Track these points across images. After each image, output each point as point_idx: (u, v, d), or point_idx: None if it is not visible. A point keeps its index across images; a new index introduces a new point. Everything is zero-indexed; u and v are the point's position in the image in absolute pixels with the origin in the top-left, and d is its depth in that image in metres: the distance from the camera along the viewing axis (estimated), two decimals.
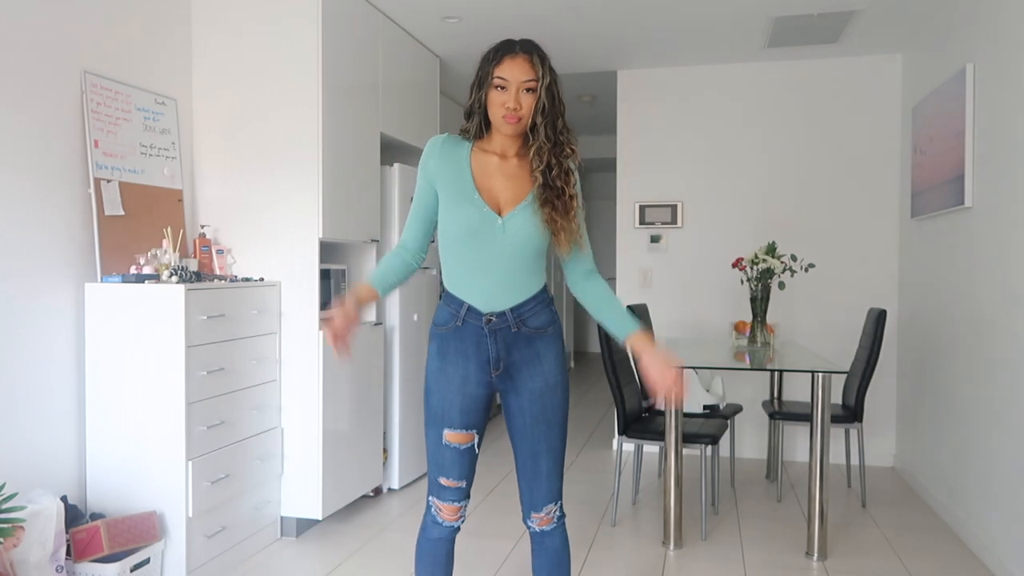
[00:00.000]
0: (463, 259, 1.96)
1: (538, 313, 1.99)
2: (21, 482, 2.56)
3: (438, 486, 2.02)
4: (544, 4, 3.89)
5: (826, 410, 3.19)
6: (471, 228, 1.93)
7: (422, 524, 2.10)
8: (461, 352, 1.97)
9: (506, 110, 1.91)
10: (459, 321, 1.97)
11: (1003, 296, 3.09)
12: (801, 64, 4.86)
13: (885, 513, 3.84)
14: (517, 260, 1.96)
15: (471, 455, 2.03)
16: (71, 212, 2.83)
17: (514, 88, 1.91)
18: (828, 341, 4.78)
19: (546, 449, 2.03)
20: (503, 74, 1.91)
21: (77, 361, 2.87)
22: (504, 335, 1.96)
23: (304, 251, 3.33)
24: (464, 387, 1.98)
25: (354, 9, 3.62)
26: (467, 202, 1.94)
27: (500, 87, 1.91)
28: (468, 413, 1.99)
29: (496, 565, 3.13)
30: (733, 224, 4.97)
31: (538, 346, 2.00)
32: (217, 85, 3.42)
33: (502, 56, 1.93)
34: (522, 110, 1.91)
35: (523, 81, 1.91)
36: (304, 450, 3.35)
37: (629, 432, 3.61)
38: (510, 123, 1.92)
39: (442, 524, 2.04)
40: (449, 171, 1.98)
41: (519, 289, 1.97)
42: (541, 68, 1.93)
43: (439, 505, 2.03)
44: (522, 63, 1.92)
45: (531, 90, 1.92)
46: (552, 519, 2.07)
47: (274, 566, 3.12)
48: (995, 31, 3.22)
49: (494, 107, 1.93)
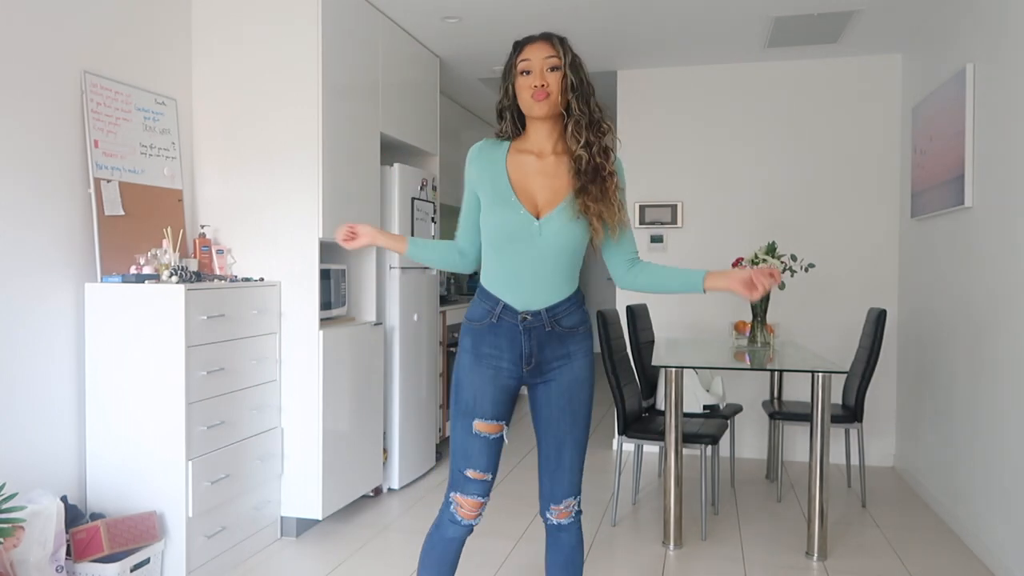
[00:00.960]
0: (501, 260, 2.00)
1: (571, 313, 2.03)
2: (21, 482, 2.56)
3: (463, 479, 2.02)
4: (544, 4, 3.89)
5: (826, 410, 3.19)
6: (509, 232, 1.96)
7: (436, 522, 2.08)
8: (495, 347, 2.01)
9: (534, 88, 1.94)
10: (494, 318, 2.00)
11: (1003, 296, 3.09)
12: (801, 64, 4.86)
13: (885, 513, 3.84)
14: (553, 262, 1.98)
15: (499, 445, 2.06)
16: (71, 212, 2.83)
17: (538, 68, 1.95)
18: (828, 341, 4.78)
19: (571, 441, 2.06)
20: (526, 56, 1.96)
21: (77, 361, 2.87)
22: (538, 333, 1.99)
23: (304, 251, 3.33)
24: (496, 379, 2.01)
25: (354, 9, 3.62)
26: (505, 205, 1.98)
27: (525, 71, 1.96)
28: (498, 404, 2.02)
29: (496, 565, 3.13)
30: (733, 224, 4.97)
31: (569, 344, 2.03)
32: (217, 85, 3.42)
33: (523, 45, 1.99)
34: (549, 86, 1.94)
35: (545, 59, 1.95)
36: (304, 450, 3.35)
37: (629, 432, 3.61)
38: (539, 100, 1.94)
39: (460, 523, 2.04)
40: (487, 175, 2.02)
41: (555, 290, 2.00)
42: (561, 48, 1.98)
43: (461, 500, 2.03)
44: (542, 44, 1.97)
45: (555, 68, 1.96)
46: (571, 513, 2.09)
47: (274, 566, 3.12)
48: (995, 31, 3.22)
49: (523, 92, 1.97)
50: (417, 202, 4.23)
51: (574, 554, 2.11)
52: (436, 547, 2.07)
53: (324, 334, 3.34)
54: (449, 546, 2.06)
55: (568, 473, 2.07)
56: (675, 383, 3.30)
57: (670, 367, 3.32)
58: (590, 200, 1.94)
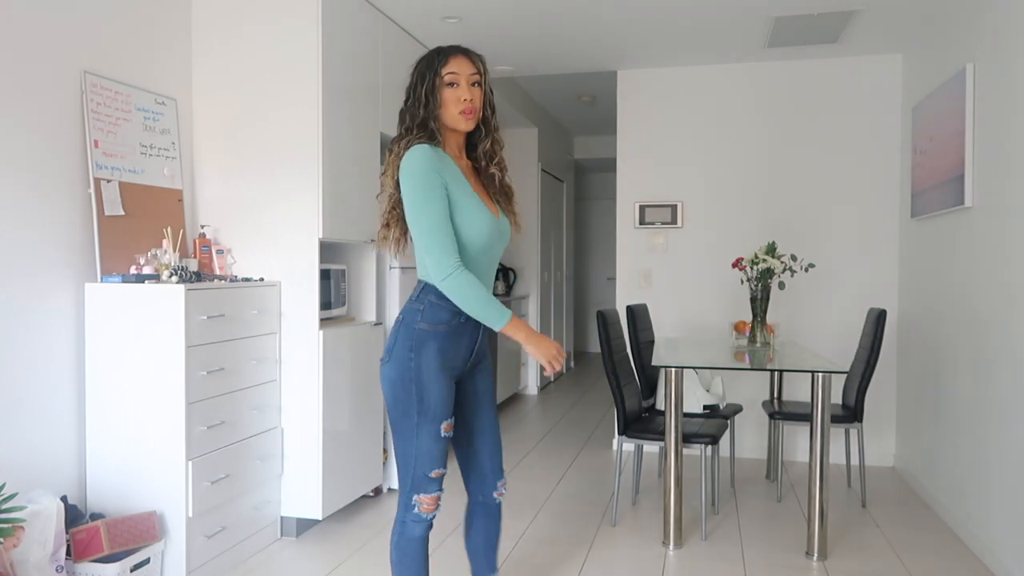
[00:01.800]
0: (479, 263, 2.07)
1: None
2: (21, 482, 2.56)
3: (427, 481, 2.08)
4: (544, 4, 3.89)
5: (826, 410, 3.19)
6: (491, 234, 2.06)
7: (399, 531, 2.13)
8: (456, 347, 2.09)
9: (463, 104, 2.03)
10: (462, 318, 2.07)
11: (1003, 296, 3.09)
12: (801, 64, 4.86)
13: (885, 513, 3.84)
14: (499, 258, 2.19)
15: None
16: (71, 212, 2.83)
17: (464, 82, 2.03)
18: (828, 341, 4.78)
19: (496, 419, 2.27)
20: (453, 70, 2.03)
21: (77, 361, 2.87)
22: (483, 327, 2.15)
23: (304, 251, 3.33)
24: (451, 380, 2.10)
25: (354, 9, 3.62)
26: (480, 209, 2.04)
27: (452, 83, 2.03)
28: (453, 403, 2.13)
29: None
30: (733, 224, 4.97)
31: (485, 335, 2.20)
32: (217, 85, 3.42)
33: (446, 57, 2.06)
34: (475, 102, 2.05)
35: (470, 74, 2.05)
36: (304, 450, 3.35)
37: (629, 432, 3.61)
38: (468, 117, 2.05)
39: (424, 519, 2.11)
40: (454, 178, 2.02)
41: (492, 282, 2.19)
42: (482, 64, 2.09)
43: (424, 500, 2.10)
44: (465, 60, 2.06)
45: (476, 84, 2.06)
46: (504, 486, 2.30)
47: (274, 566, 3.12)
48: (995, 31, 3.23)
49: (449, 105, 2.04)
50: None
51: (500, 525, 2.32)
52: (408, 551, 2.14)
53: (324, 334, 3.34)
54: (420, 544, 2.14)
55: (499, 451, 2.27)
56: (675, 383, 3.30)
57: (670, 367, 3.32)
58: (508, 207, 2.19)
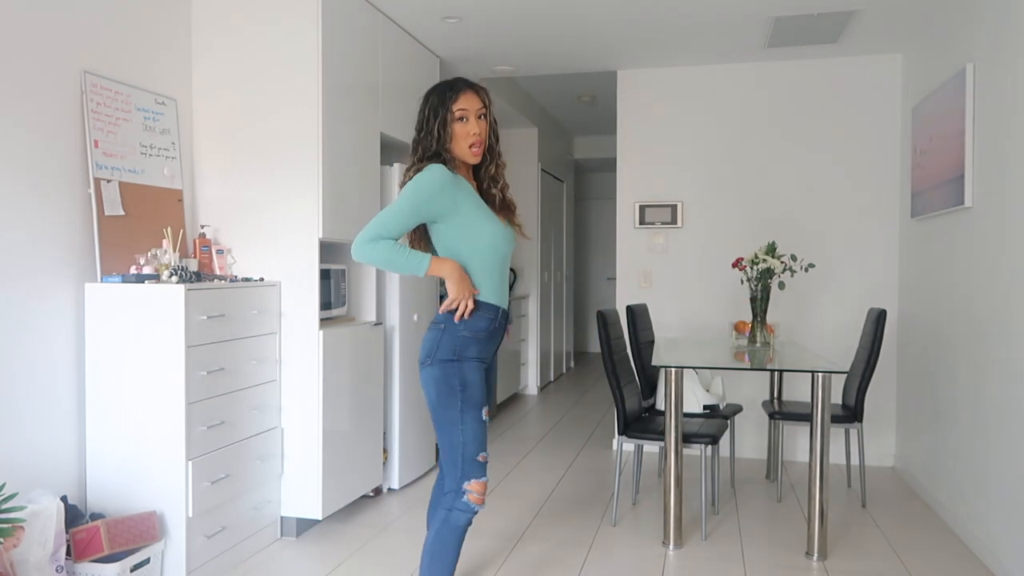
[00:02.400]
0: (496, 272, 2.30)
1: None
2: (21, 482, 2.56)
3: (477, 466, 2.22)
4: (544, 4, 3.89)
5: (826, 410, 3.19)
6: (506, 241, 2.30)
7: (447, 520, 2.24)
8: (491, 346, 2.33)
9: (473, 138, 2.24)
10: (496, 324, 2.31)
11: (1002, 296, 3.09)
12: (801, 64, 4.86)
13: (885, 513, 3.84)
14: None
15: None
16: (71, 212, 2.83)
17: (472, 117, 2.23)
18: (828, 341, 4.78)
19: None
20: (463, 106, 2.23)
21: (77, 361, 2.87)
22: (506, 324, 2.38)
23: (304, 251, 3.33)
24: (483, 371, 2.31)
25: (354, 9, 3.62)
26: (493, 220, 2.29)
27: (462, 118, 2.23)
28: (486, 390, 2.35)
29: (496, 565, 3.13)
30: (733, 224, 4.97)
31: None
32: (217, 85, 3.42)
33: (457, 93, 2.24)
34: (482, 135, 2.25)
35: (478, 109, 2.25)
36: (304, 450, 3.35)
37: (629, 432, 3.61)
38: (476, 152, 2.26)
39: (471, 509, 2.22)
40: (468, 197, 2.27)
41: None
42: (488, 97, 2.29)
43: (476, 487, 2.21)
44: (473, 95, 2.26)
45: (483, 116, 2.26)
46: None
47: (274, 566, 3.12)
48: (995, 31, 3.23)
49: (459, 139, 2.25)
50: None
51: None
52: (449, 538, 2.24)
53: (324, 334, 3.34)
54: (460, 534, 2.24)
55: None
56: (675, 383, 3.30)
57: (670, 367, 3.32)
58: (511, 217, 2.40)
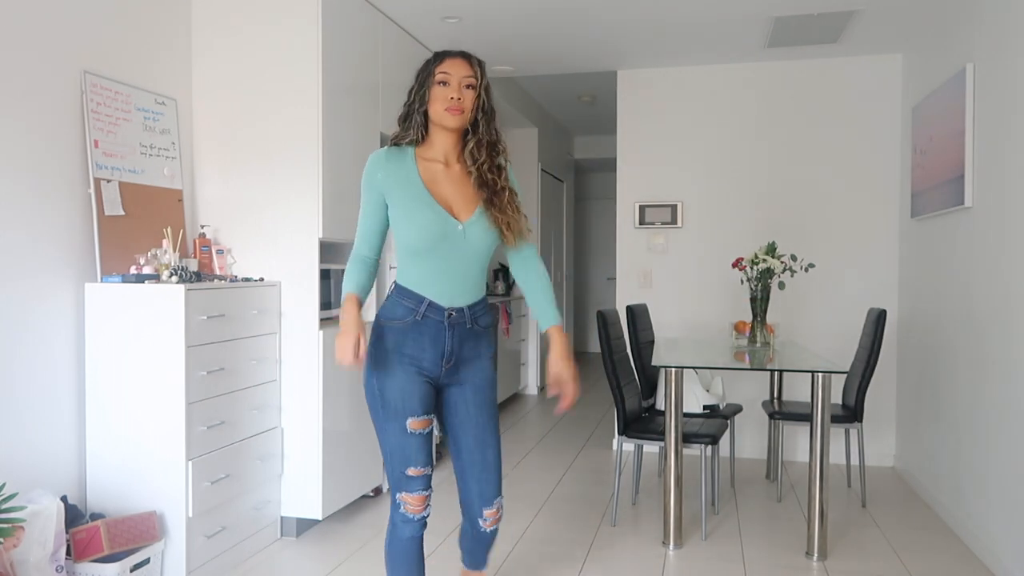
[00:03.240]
0: (427, 261, 2.07)
1: (486, 312, 2.18)
2: (21, 482, 2.56)
3: (405, 479, 2.08)
4: (544, 4, 3.89)
5: (826, 410, 3.19)
6: (436, 234, 2.04)
7: (389, 529, 2.14)
8: (418, 346, 2.07)
9: (449, 101, 2.05)
10: (419, 316, 2.07)
11: (1002, 296, 3.09)
12: (801, 64, 4.86)
13: (885, 513, 3.84)
14: (474, 264, 2.10)
15: (431, 439, 2.14)
16: (71, 212, 2.83)
17: (455, 82, 2.07)
18: (828, 341, 4.78)
19: (492, 440, 2.15)
20: (445, 69, 2.08)
21: (77, 361, 2.87)
22: (460, 330, 2.10)
23: (304, 251, 3.33)
24: (417, 377, 2.08)
25: (354, 9, 3.62)
26: (427, 208, 2.05)
27: (442, 82, 2.08)
28: (425, 400, 2.09)
29: (496, 565, 3.12)
30: (733, 224, 4.97)
31: (481, 343, 2.16)
32: (217, 85, 3.42)
33: (443, 58, 2.11)
34: (464, 103, 2.07)
35: (464, 76, 2.08)
36: (304, 450, 3.35)
37: (629, 432, 3.61)
38: (454, 114, 2.06)
39: (412, 519, 2.09)
40: (399, 181, 2.08)
41: (475, 289, 2.13)
42: (480, 69, 2.12)
43: (407, 499, 2.08)
44: (461, 62, 2.10)
45: (471, 87, 2.09)
46: (500, 514, 2.18)
47: (274, 566, 3.12)
48: (995, 31, 3.22)
49: (436, 103, 2.08)
50: None
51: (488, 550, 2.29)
52: (398, 550, 2.13)
53: (324, 334, 3.34)
54: (409, 545, 2.11)
55: (494, 472, 2.16)
56: (675, 383, 3.30)
57: (670, 367, 3.32)
58: (496, 211, 2.08)
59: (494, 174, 2.10)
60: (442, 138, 2.12)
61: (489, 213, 2.08)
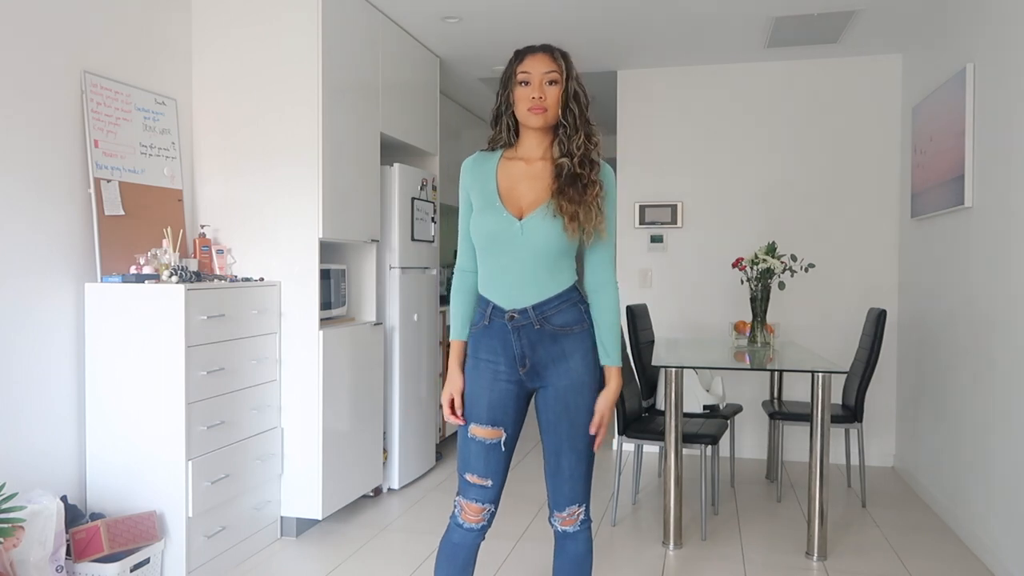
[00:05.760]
0: (487, 262, 2.03)
1: (563, 311, 2.00)
2: (21, 482, 2.56)
3: (464, 484, 2.03)
4: (544, 4, 3.89)
5: (826, 410, 3.19)
6: (491, 233, 1.99)
7: (447, 527, 2.10)
8: (491, 349, 2.02)
9: (531, 101, 1.97)
10: (487, 320, 2.02)
11: (1003, 296, 3.09)
12: (801, 64, 4.86)
13: (885, 513, 3.84)
14: (534, 260, 1.98)
15: (497, 452, 2.03)
16: (71, 212, 2.83)
17: (537, 80, 1.97)
18: (828, 341, 4.78)
19: (568, 448, 2.04)
20: (526, 68, 1.99)
21: (77, 361, 2.87)
22: (528, 332, 1.99)
23: (304, 251, 3.33)
24: (494, 383, 2.01)
25: (354, 9, 3.62)
26: (490, 208, 2.00)
27: (524, 82, 1.99)
28: (495, 408, 2.00)
29: (496, 565, 3.13)
30: (733, 224, 4.97)
31: (564, 344, 2.01)
32: (217, 85, 3.42)
33: (523, 55, 2.01)
34: (547, 100, 1.97)
35: (545, 73, 1.97)
36: (304, 450, 3.35)
37: (629, 432, 3.60)
38: (536, 114, 1.97)
39: (463, 527, 2.03)
40: (479, 184, 2.05)
41: (540, 287, 1.99)
42: (564, 62, 2.00)
43: (463, 504, 2.03)
44: (542, 57, 1.99)
45: (554, 82, 1.98)
46: (575, 521, 2.07)
47: (274, 566, 3.12)
48: (995, 31, 3.22)
49: (520, 103, 1.99)
50: (417, 202, 4.24)
51: (581, 564, 2.09)
52: (445, 551, 2.07)
53: (324, 334, 3.34)
54: (456, 551, 2.05)
55: (568, 481, 2.05)
56: (675, 383, 3.30)
57: (670, 367, 3.32)
58: (565, 200, 1.95)
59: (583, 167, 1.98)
60: (530, 137, 2.04)
61: (556, 202, 1.96)
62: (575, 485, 2.06)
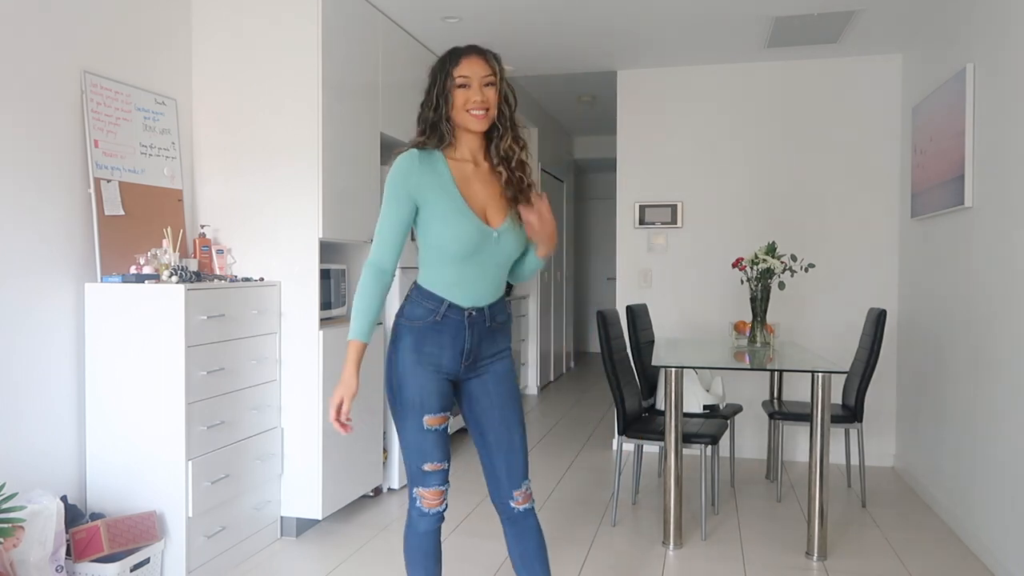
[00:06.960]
0: (457, 269, 2.05)
1: (503, 310, 2.16)
2: (21, 482, 2.56)
3: (422, 475, 2.08)
4: (544, 4, 3.89)
5: (826, 410, 3.19)
6: (472, 243, 2.01)
7: (407, 523, 2.14)
8: (437, 344, 2.06)
9: (473, 104, 2.02)
10: (438, 316, 2.06)
11: (1003, 296, 3.09)
12: (801, 64, 4.86)
13: (885, 513, 3.84)
14: (504, 267, 2.12)
15: (446, 435, 2.13)
16: (71, 212, 2.83)
17: (476, 84, 2.02)
18: (828, 341, 4.78)
19: (517, 422, 2.16)
20: (464, 72, 2.02)
21: (77, 361, 2.87)
22: (479, 329, 2.08)
23: (304, 251, 3.33)
24: (437, 375, 2.07)
25: (354, 9, 3.62)
26: (463, 217, 2.02)
27: (463, 85, 2.03)
28: (443, 397, 2.08)
29: (496, 565, 3.13)
30: (733, 224, 4.97)
31: (499, 340, 2.15)
32: (217, 85, 3.42)
33: (458, 58, 2.05)
34: (488, 102, 2.03)
35: (483, 76, 2.03)
36: (304, 450, 3.35)
37: (629, 432, 3.61)
38: (479, 119, 2.03)
39: (428, 513, 2.10)
40: (433, 185, 2.04)
41: (497, 288, 2.12)
42: (497, 65, 2.06)
43: (424, 494, 2.08)
44: (479, 61, 2.04)
45: (491, 84, 2.04)
46: (530, 496, 2.17)
47: (274, 566, 3.12)
48: (995, 31, 3.22)
49: (459, 106, 2.04)
50: None
51: (541, 537, 2.18)
52: (414, 543, 2.13)
53: (324, 334, 3.34)
54: (425, 539, 2.12)
55: (521, 453, 2.16)
56: (675, 383, 3.30)
57: (670, 367, 3.32)
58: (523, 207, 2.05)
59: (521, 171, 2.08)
60: (468, 140, 2.09)
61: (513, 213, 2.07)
62: (526, 458, 2.19)
